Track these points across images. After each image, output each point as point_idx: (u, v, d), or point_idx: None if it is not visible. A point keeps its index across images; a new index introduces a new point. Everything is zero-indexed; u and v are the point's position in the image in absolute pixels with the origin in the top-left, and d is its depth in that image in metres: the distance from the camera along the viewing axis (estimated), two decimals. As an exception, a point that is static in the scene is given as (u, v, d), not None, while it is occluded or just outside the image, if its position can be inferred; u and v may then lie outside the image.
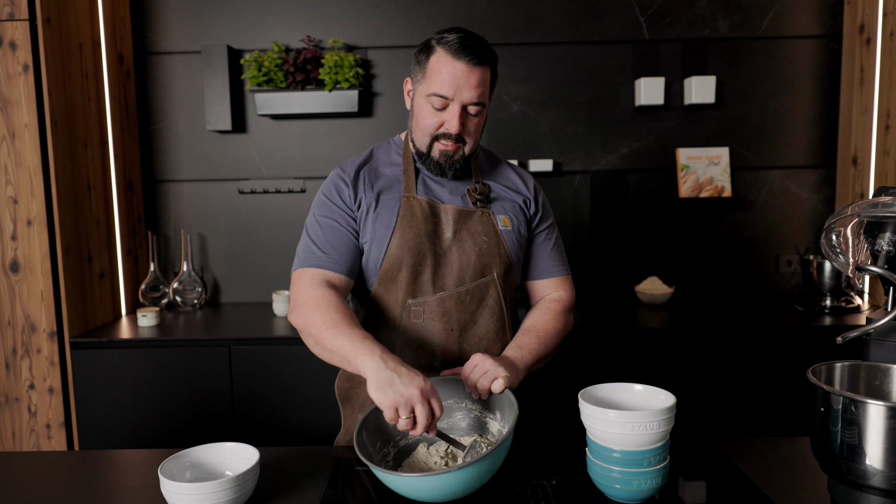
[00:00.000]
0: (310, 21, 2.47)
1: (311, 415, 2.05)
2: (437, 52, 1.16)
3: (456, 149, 1.20)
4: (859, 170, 2.36)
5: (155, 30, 2.49)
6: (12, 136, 1.99)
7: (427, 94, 1.17)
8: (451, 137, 1.18)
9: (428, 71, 1.17)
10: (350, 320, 1.08)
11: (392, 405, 0.94)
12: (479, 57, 1.15)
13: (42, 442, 2.09)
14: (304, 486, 1.03)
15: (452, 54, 1.14)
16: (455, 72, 1.14)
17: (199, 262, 2.58)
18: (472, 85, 1.15)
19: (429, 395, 0.95)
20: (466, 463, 0.88)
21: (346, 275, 1.20)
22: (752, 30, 2.45)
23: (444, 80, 1.14)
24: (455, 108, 1.16)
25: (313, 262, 1.18)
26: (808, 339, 2.02)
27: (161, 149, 2.54)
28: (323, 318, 1.08)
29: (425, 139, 1.21)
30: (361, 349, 1.01)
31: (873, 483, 0.83)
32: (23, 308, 2.05)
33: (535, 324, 1.24)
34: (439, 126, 1.18)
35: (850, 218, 0.97)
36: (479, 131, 1.22)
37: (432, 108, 1.17)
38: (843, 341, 0.94)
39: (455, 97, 1.15)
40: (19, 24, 1.96)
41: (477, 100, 1.16)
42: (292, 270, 1.21)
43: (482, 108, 1.19)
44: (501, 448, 0.93)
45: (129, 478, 1.12)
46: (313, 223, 1.23)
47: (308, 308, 1.12)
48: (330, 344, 1.06)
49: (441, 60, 1.15)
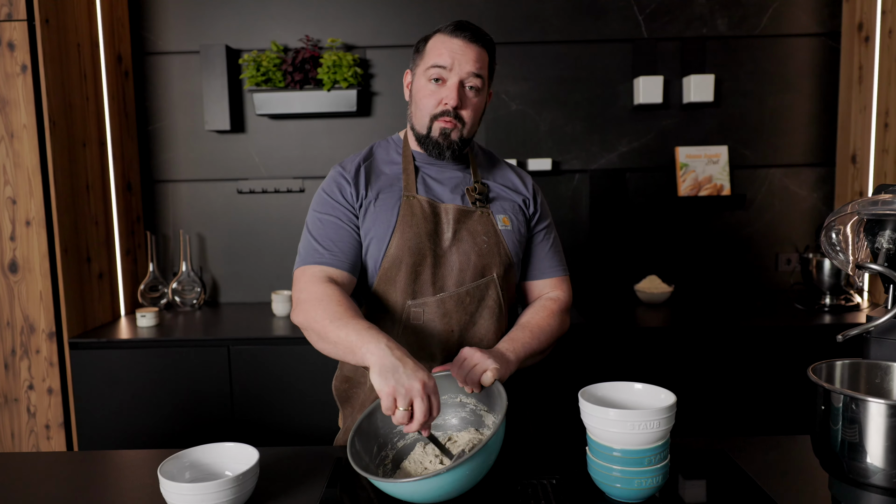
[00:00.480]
0: (308, 21, 2.47)
1: (310, 415, 2.05)
2: (434, 36, 1.22)
3: (454, 126, 1.20)
4: (858, 168, 2.36)
5: (153, 30, 2.49)
6: (11, 136, 1.99)
7: (426, 68, 1.19)
8: (449, 114, 1.19)
9: (426, 52, 1.21)
10: (353, 312, 1.07)
11: (391, 393, 0.91)
12: (476, 35, 1.19)
13: (41, 442, 2.09)
14: (304, 487, 1.03)
15: (449, 33, 1.19)
16: (453, 46, 1.18)
17: (198, 262, 2.58)
18: (469, 58, 1.18)
19: (430, 392, 0.93)
20: (459, 462, 0.87)
21: (349, 271, 1.19)
22: (751, 28, 2.45)
23: (441, 53, 1.18)
24: (453, 81, 1.18)
25: (315, 259, 1.17)
26: (808, 338, 2.02)
27: (160, 149, 2.54)
28: (325, 311, 1.07)
29: (425, 119, 1.21)
30: (367, 337, 0.99)
31: (874, 481, 0.83)
32: (22, 308, 2.04)
33: (529, 320, 1.24)
34: (438, 104, 1.19)
35: (850, 216, 0.97)
36: (477, 114, 1.23)
37: (431, 85, 1.19)
38: (844, 339, 0.94)
39: (453, 68, 1.17)
40: (17, 24, 1.95)
41: (475, 72, 1.18)
42: (294, 269, 1.20)
43: (480, 88, 1.20)
44: (493, 442, 0.92)
45: (129, 478, 1.12)
46: (314, 220, 1.22)
47: (310, 304, 1.10)
48: (334, 336, 1.04)
49: (439, 39, 1.20)
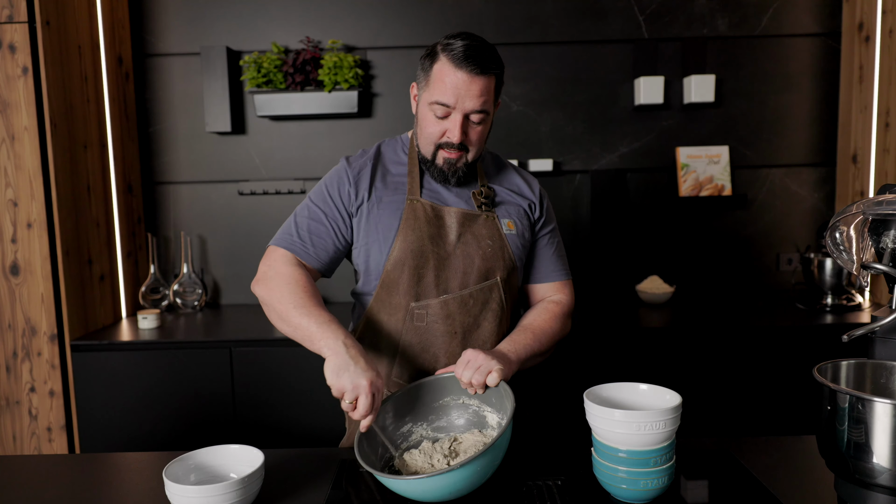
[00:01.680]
0: (309, 22, 2.47)
1: (313, 416, 2.05)
2: (440, 59, 1.15)
3: (458, 157, 1.20)
4: (859, 168, 2.36)
5: (154, 32, 2.48)
6: (12, 138, 1.99)
7: (430, 102, 1.17)
8: (453, 146, 1.18)
9: (431, 79, 1.17)
10: (317, 301, 1.13)
11: (340, 390, 1.01)
12: (483, 66, 1.14)
13: (43, 445, 2.09)
14: (309, 488, 1.03)
15: (455, 63, 1.13)
16: (457, 81, 1.13)
17: (199, 263, 2.57)
18: (473, 94, 1.14)
19: (376, 390, 1.01)
20: (467, 460, 0.88)
21: (316, 268, 1.24)
22: (751, 28, 2.45)
23: (445, 89, 1.14)
24: (457, 118, 1.15)
25: (288, 246, 1.22)
26: (810, 338, 2.02)
27: (160, 150, 2.54)
28: (292, 295, 1.13)
29: (429, 147, 1.21)
30: (327, 332, 1.07)
31: (881, 481, 0.83)
32: (23, 311, 2.04)
33: (531, 322, 1.24)
34: (442, 135, 1.18)
35: (855, 216, 0.97)
36: (482, 139, 1.21)
37: (435, 116, 1.17)
38: (849, 339, 0.94)
39: (457, 106, 1.15)
40: (18, 26, 1.95)
41: (479, 108, 1.15)
42: (270, 242, 1.25)
43: (485, 117, 1.18)
44: (501, 441, 0.93)
45: (133, 480, 1.11)
46: (304, 207, 1.26)
47: (276, 283, 1.16)
48: (296, 322, 1.11)
49: (444, 69, 1.14)
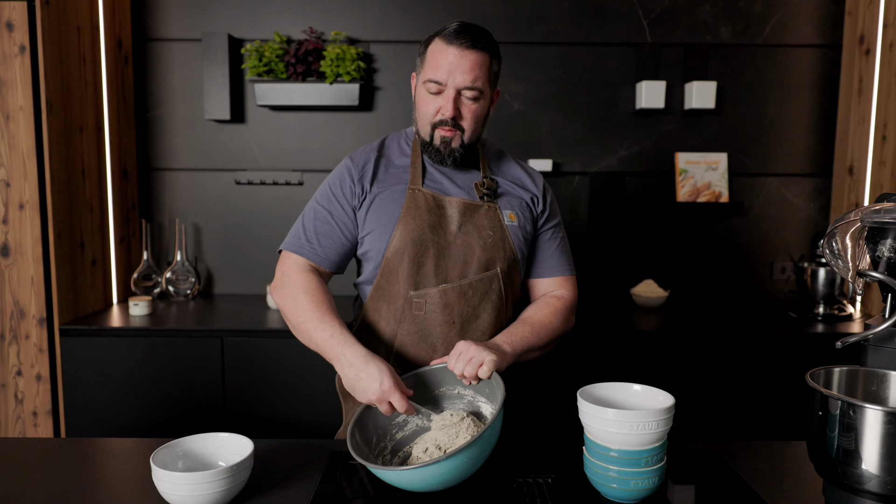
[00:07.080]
0: (312, 12, 2.46)
1: (303, 408, 2.04)
2: (434, 41, 1.21)
3: (453, 135, 1.21)
4: (855, 179, 2.37)
5: (155, 15, 2.47)
6: (6, 117, 1.96)
7: (424, 80, 1.20)
8: (447, 124, 1.19)
9: (425, 60, 1.21)
10: (326, 308, 1.16)
11: (369, 402, 1.07)
12: (473, 40, 1.17)
13: (28, 429, 2.07)
14: (298, 479, 1.02)
15: (446, 40, 1.18)
16: (448, 56, 1.17)
17: (193, 251, 2.56)
18: (464, 69, 1.16)
19: (393, 382, 1.05)
20: (457, 450, 0.89)
21: (328, 268, 1.25)
22: (754, 37, 2.46)
23: (437, 65, 1.18)
24: (450, 93, 1.18)
25: (297, 250, 1.24)
26: (801, 346, 2.03)
27: (157, 136, 2.52)
28: (310, 309, 1.16)
29: (426, 127, 1.23)
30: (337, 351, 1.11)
31: (869, 488, 0.84)
32: (12, 293, 2.02)
33: (531, 315, 1.25)
34: (436, 112, 1.20)
35: (853, 223, 0.98)
36: (478, 120, 1.22)
37: (429, 94, 1.20)
38: (843, 346, 0.94)
39: (448, 81, 1.17)
40: (17, 4, 1.93)
41: (470, 84, 1.17)
42: (281, 246, 1.26)
43: (479, 95, 1.19)
44: (490, 432, 0.93)
45: (120, 466, 1.10)
46: (311, 209, 1.27)
47: (290, 291, 1.19)
48: (307, 337, 1.17)
49: (436, 48, 1.19)
